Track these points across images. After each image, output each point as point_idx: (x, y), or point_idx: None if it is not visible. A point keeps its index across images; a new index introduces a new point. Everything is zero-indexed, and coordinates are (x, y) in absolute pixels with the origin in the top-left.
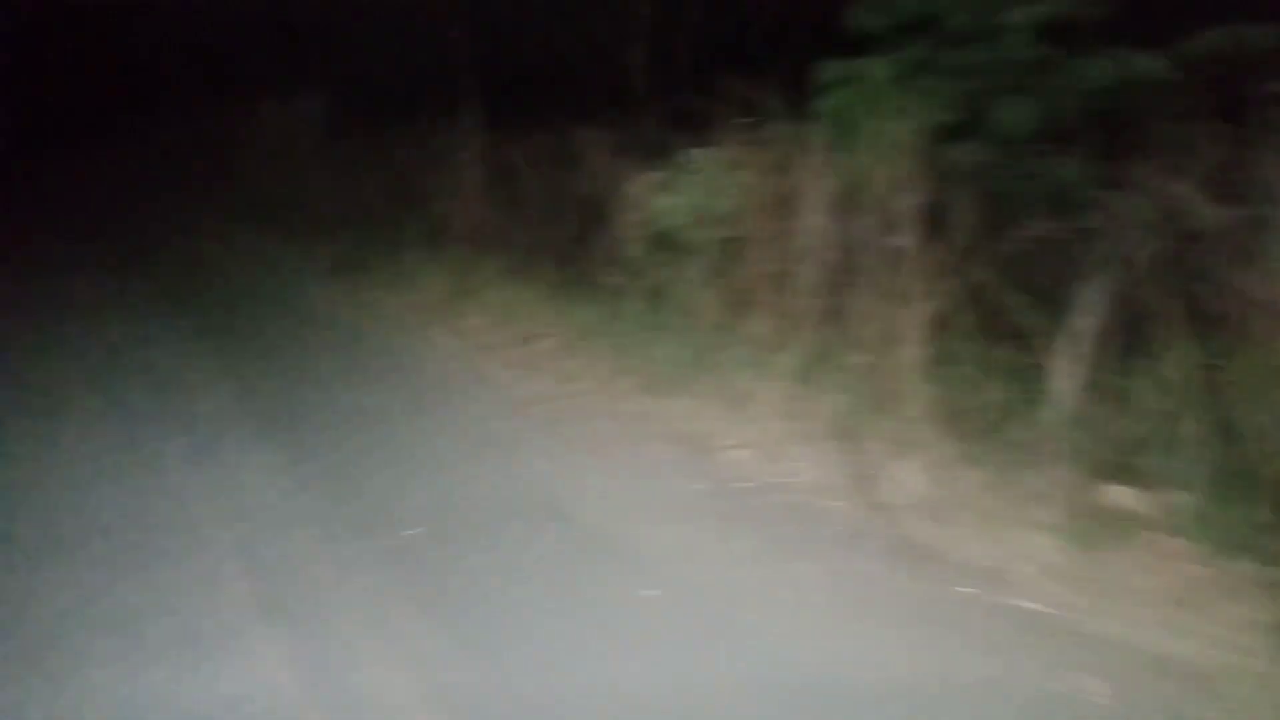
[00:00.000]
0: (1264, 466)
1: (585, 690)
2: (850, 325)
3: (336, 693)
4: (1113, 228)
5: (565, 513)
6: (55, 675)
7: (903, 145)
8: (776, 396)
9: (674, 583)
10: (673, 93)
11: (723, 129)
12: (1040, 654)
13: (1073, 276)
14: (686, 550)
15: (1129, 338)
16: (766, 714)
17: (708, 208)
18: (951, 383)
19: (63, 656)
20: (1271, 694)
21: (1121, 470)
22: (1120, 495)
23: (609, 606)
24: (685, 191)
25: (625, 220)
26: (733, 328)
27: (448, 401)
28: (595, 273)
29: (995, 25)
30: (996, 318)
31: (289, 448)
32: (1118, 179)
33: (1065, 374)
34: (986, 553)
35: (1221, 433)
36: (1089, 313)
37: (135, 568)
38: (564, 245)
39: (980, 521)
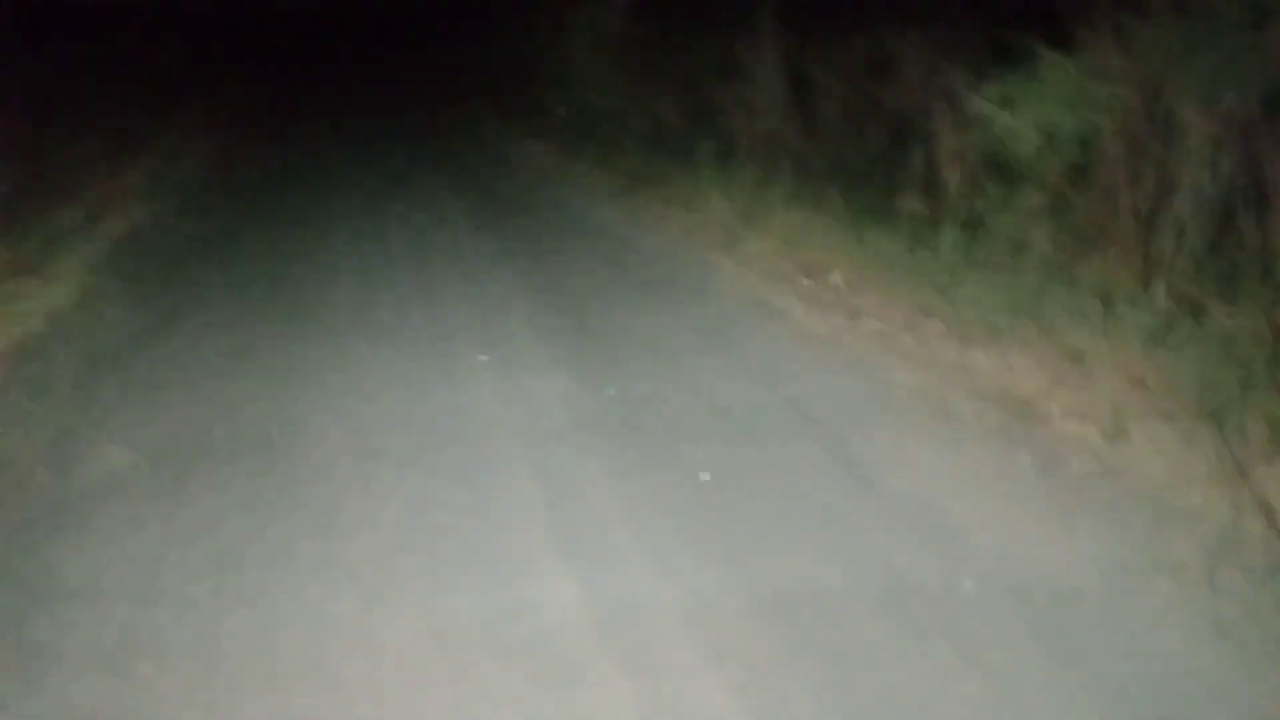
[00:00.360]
0: None
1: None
2: (1232, 277)
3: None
4: None
5: (863, 472)
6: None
7: None
8: (1124, 359)
9: (997, 578)
10: None
11: (1084, 28)
12: None
13: None
14: (1016, 542)
15: None
16: None
17: (1058, 126)
18: None
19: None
20: None
21: None
22: None
23: (921, 599)
24: (1030, 106)
25: (946, 140)
26: (1070, 271)
27: (730, 334)
28: (900, 199)
29: None
30: None
31: (576, 371)
32: None
33: None
34: None
35: None
36: None
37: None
38: (865, 167)
39: None
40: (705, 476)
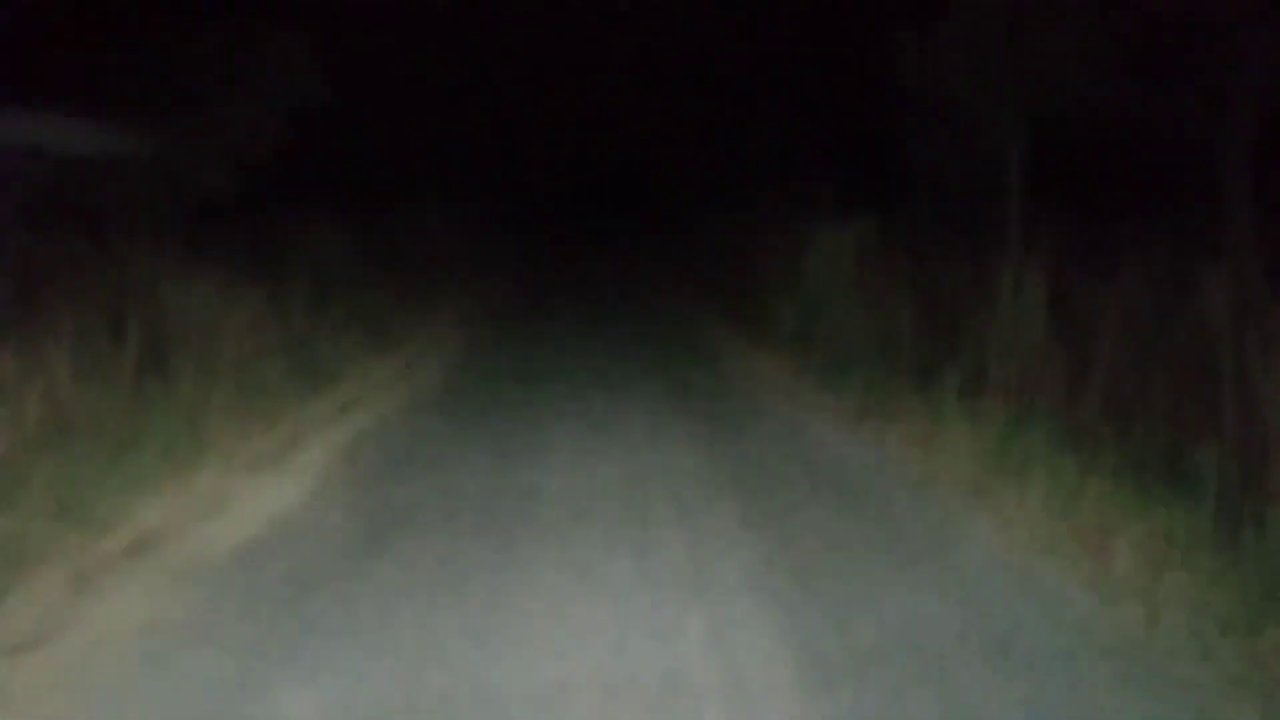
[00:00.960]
0: None
1: None
2: None
3: None
4: None
5: None
6: None
7: None
8: None
9: None
10: None
11: None
12: None
13: None
14: None
15: None
16: None
17: None
18: None
19: None
20: None
21: None
22: None
23: None
24: None
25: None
26: None
27: (1003, 632)
28: (1203, 460)
29: None
30: None
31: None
32: None
33: None
34: None
35: None
36: None
37: None
38: (1152, 416)
39: None
40: None
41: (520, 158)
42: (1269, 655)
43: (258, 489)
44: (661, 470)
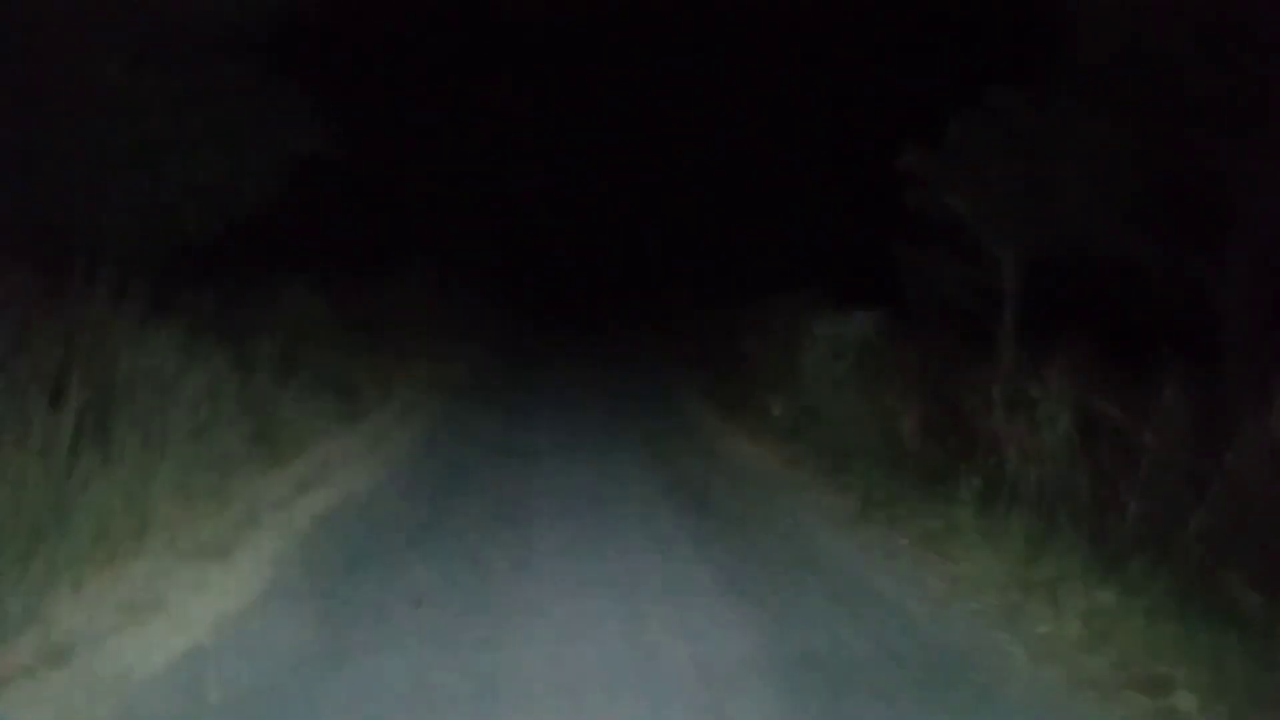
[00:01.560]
0: None
1: None
2: None
3: None
4: None
5: None
6: None
7: None
8: None
9: None
10: None
11: None
12: None
13: None
14: None
15: None
16: None
17: None
18: None
19: None
20: None
21: None
22: None
23: None
24: None
25: None
26: None
27: None
28: (1246, 595)
29: None
30: None
31: None
32: None
33: None
34: None
35: None
36: None
37: None
38: (1192, 543)
39: None
40: None
41: (509, 232)
42: None
43: (202, 584)
44: (658, 577)
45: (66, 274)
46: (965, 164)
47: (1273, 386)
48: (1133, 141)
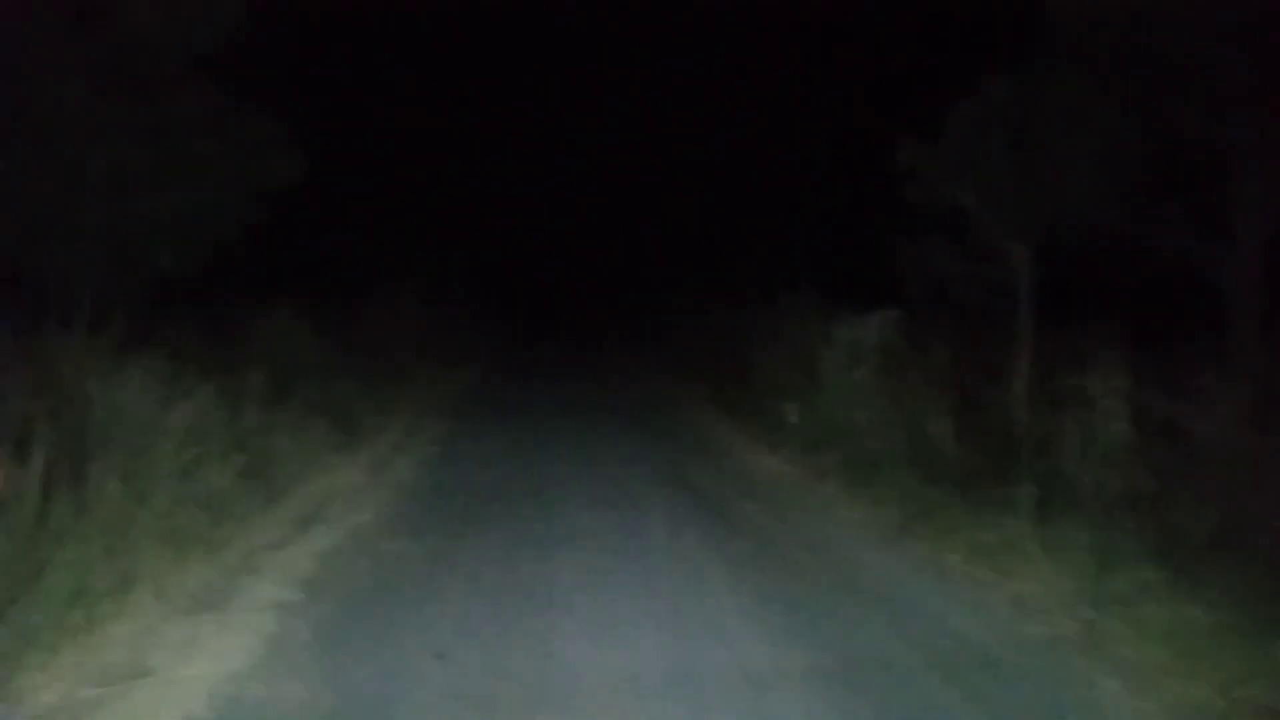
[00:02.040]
0: None
1: None
2: None
3: None
4: None
5: None
6: None
7: None
8: None
9: None
10: None
11: None
12: None
13: None
14: None
15: None
16: None
17: None
18: None
19: None
20: None
21: None
22: None
23: None
24: None
25: None
26: None
27: None
28: None
29: None
30: None
31: None
32: None
33: None
34: None
35: None
36: None
37: None
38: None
39: None
40: None
41: (499, 245)
42: None
43: (193, 644)
44: (696, 611)
45: (40, 313)
46: (966, 155)
47: None
48: (1133, 119)
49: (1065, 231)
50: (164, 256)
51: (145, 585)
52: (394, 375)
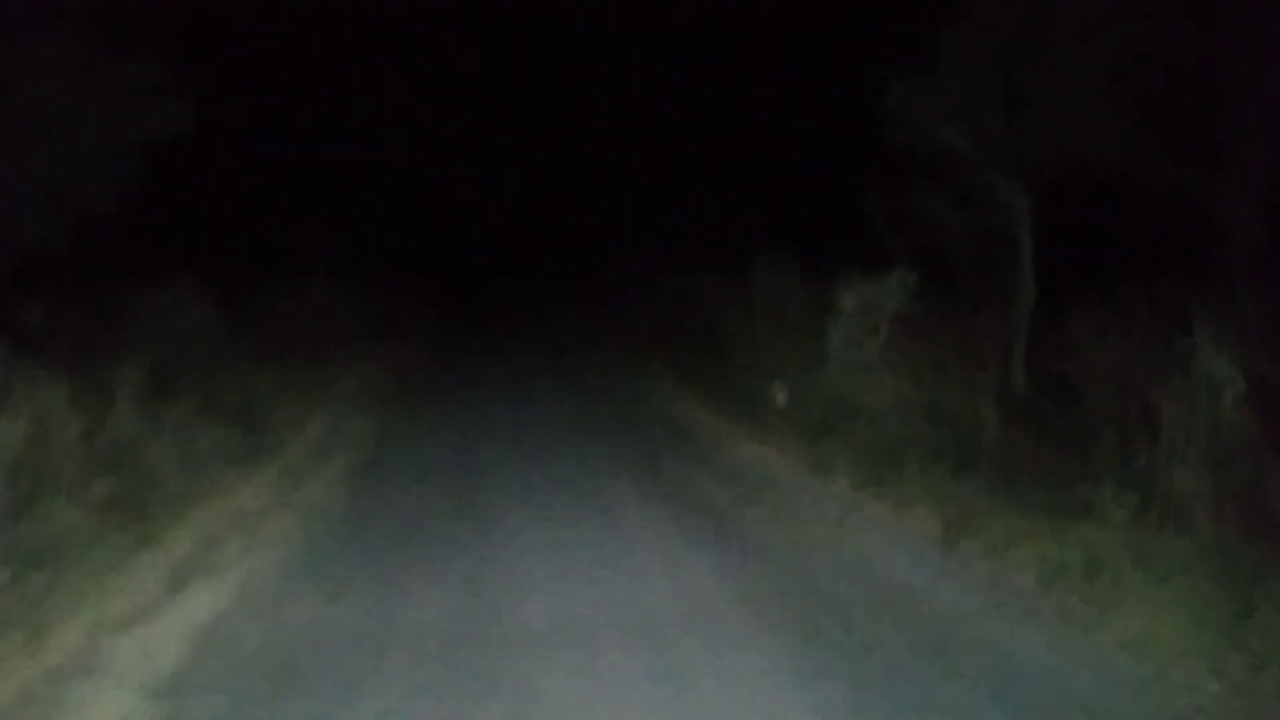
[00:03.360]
0: None
1: None
2: None
3: None
4: None
5: None
6: None
7: None
8: None
9: None
10: None
11: None
12: None
13: None
14: None
15: None
16: None
17: None
18: None
19: None
20: None
21: None
22: None
23: None
24: None
25: None
26: None
27: None
28: None
29: None
30: None
31: None
32: None
33: None
34: None
35: None
36: None
37: None
38: None
39: None
40: None
41: (424, 216)
42: None
43: None
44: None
45: None
46: (956, 90)
47: None
48: (1135, 41)
49: (1063, 170)
50: (17, 226)
51: None
52: (315, 363)
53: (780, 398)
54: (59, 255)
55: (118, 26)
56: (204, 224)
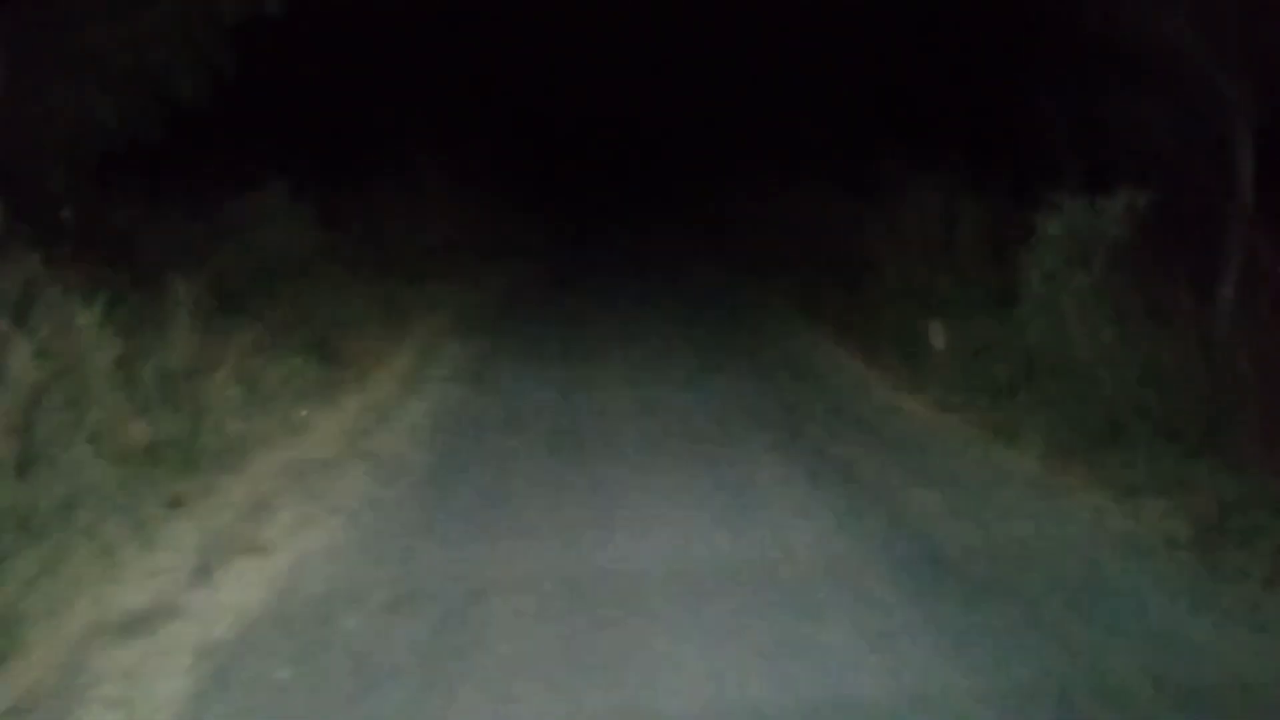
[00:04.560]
0: None
1: None
2: None
3: None
4: None
5: None
6: None
7: None
8: None
9: None
10: None
11: None
12: None
13: None
14: None
15: None
16: None
17: None
18: None
19: None
20: None
21: None
22: None
23: None
24: None
25: None
26: None
27: None
28: None
29: None
30: None
31: None
32: None
33: None
34: None
35: None
36: None
37: None
38: None
39: None
40: None
41: (536, 117)
42: None
43: None
44: None
45: None
46: None
47: None
48: None
49: None
50: (102, 120)
51: None
52: (411, 281)
53: (937, 340)
54: (141, 153)
55: None
56: (301, 125)
